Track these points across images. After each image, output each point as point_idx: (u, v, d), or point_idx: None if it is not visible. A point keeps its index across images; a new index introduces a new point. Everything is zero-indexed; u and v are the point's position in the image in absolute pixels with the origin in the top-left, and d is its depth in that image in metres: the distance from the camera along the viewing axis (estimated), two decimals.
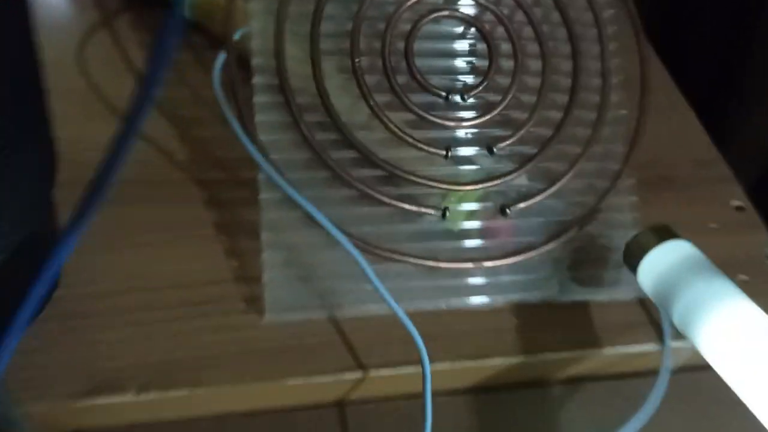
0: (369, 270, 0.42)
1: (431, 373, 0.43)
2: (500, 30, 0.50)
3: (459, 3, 0.49)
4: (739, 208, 0.59)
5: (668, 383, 0.46)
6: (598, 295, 0.49)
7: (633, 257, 0.46)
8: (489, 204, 0.48)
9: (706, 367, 0.42)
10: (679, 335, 0.44)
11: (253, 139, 0.44)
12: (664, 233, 0.46)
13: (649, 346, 0.48)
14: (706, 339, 0.41)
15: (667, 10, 1.02)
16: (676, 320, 0.43)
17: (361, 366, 0.44)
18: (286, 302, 0.44)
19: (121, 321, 0.43)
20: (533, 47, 0.50)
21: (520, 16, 0.50)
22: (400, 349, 0.44)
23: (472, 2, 0.49)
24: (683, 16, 1.00)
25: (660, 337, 0.48)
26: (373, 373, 0.44)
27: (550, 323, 0.48)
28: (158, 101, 0.54)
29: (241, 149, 0.44)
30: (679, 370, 0.48)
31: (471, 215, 0.48)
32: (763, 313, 0.41)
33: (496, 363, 0.46)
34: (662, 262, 0.44)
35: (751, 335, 0.40)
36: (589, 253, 0.49)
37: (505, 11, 0.50)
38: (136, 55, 0.57)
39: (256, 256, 0.44)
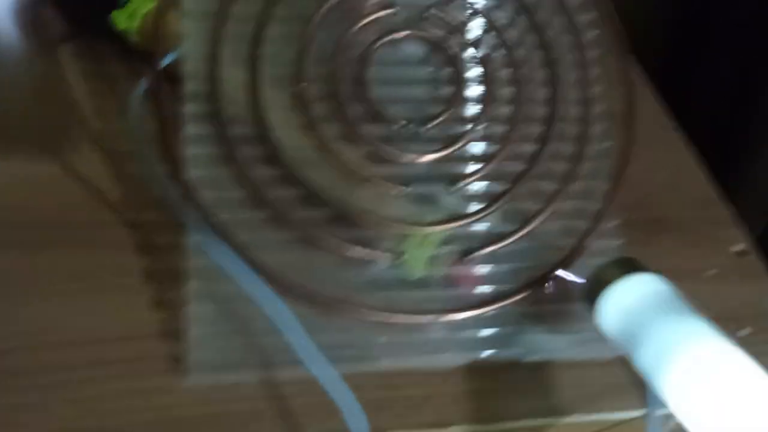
0: (288, 325, 0.37)
1: None
2: (469, 53, 0.45)
3: (422, 23, 0.44)
4: (740, 253, 0.53)
5: None
6: (574, 354, 0.43)
7: (592, 293, 0.40)
8: (452, 248, 0.42)
9: None
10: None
11: (181, 174, 0.39)
12: (628, 266, 0.40)
13: (633, 413, 0.42)
14: (673, 392, 0.35)
15: (674, 52, 0.99)
16: (640, 367, 0.37)
17: None
18: (213, 362, 0.39)
19: (17, 384, 0.37)
20: (505, 72, 0.45)
21: (491, 38, 0.45)
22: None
23: (437, 22, 0.44)
24: (690, 55, 0.97)
25: (644, 401, 0.42)
26: None
27: (520, 387, 0.42)
28: (97, 134, 0.49)
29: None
30: None
31: (431, 261, 0.42)
32: (745, 358, 0.35)
33: None
34: (625, 300, 0.38)
35: (726, 388, 0.34)
36: (565, 306, 0.43)
37: (475, 33, 0.45)
38: (75, 85, 0.52)
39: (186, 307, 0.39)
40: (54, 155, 0.47)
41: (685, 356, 0.35)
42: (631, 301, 0.38)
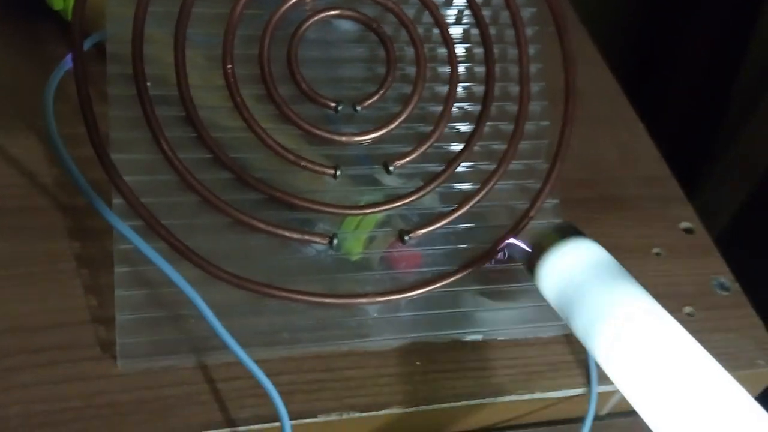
0: (207, 310, 0.37)
1: (317, 429, 0.37)
2: (403, 33, 0.44)
3: (354, 2, 0.43)
4: (687, 230, 0.53)
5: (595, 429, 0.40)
6: (515, 333, 0.43)
7: (532, 259, 0.40)
8: (389, 229, 0.42)
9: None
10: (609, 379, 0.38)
11: (105, 156, 0.38)
12: (566, 232, 0.40)
13: (574, 390, 0.42)
14: (606, 355, 0.35)
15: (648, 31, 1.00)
16: (577, 332, 0.37)
17: (228, 423, 0.37)
18: (143, 348, 0.38)
19: None
20: (441, 51, 0.44)
21: (427, 17, 0.45)
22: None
23: (370, 1, 0.43)
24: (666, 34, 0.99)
25: (586, 379, 0.42)
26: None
27: (460, 366, 0.42)
28: (33, 117, 0.48)
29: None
30: (609, 416, 0.42)
31: (368, 243, 0.42)
32: (675, 325, 0.35)
33: (394, 414, 0.40)
34: (562, 266, 0.38)
35: (654, 350, 0.34)
36: (505, 285, 0.43)
37: (410, 12, 0.44)
38: (10, 66, 0.51)
39: None
40: None
41: (616, 320, 0.35)
42: (567, 267, 0.38)
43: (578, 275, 0.38)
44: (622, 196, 0.55)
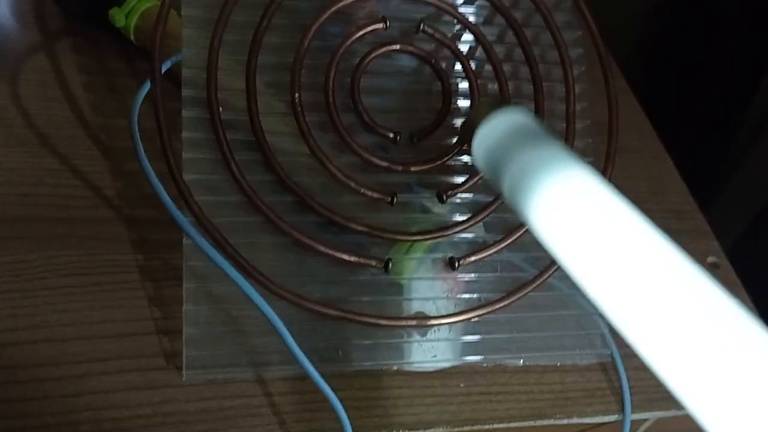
0: (284, 330, 0.38)
1: None
2: (458, 67, 0.46)
3: (413, 37, 0.45)
4: (713, 265, 0.55)
5: None
6: (554, 359, 0.45)
7: (468, 132, 0.37)
8: (438, 256, 0.44)
9: None
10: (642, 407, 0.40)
11: (179, 177, 0.40)
12: (497, 105, 0.37)
13: (609, 417, 0.44)
14: (533, 212, 0.32)
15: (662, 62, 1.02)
16: (505, 194, 0.34)
17: None
18: (207, 360, 0.40)
19: (16, 378, 0.39)
20: (492, 87, 0.46)
21: (480, 53, 0.47)
22: (329, 416, 0.40)
23: (428, 37, 0.45)
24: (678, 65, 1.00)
25: (620, 406, 0.44)
26: None
27: (501, 390, 0.44)
28: (96, 129, 0.50)
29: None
30: None
31: (418, 268, 0.44)
32: (600, 183, 0.32)
33: None
34: (493, 132, 0.36)
35: (583, 207, 0.31)
36: (545, 313, 0.45)
37: (465, 48, 0.47)
38: (74, 80, 0.53)
39: (182, 305, 0.40)
40: (53, 150, 0.48)
41: (544, 181, 0.32)
42: (498, 135, 0.36)
43: (505, 143, 0.35)
44: None
